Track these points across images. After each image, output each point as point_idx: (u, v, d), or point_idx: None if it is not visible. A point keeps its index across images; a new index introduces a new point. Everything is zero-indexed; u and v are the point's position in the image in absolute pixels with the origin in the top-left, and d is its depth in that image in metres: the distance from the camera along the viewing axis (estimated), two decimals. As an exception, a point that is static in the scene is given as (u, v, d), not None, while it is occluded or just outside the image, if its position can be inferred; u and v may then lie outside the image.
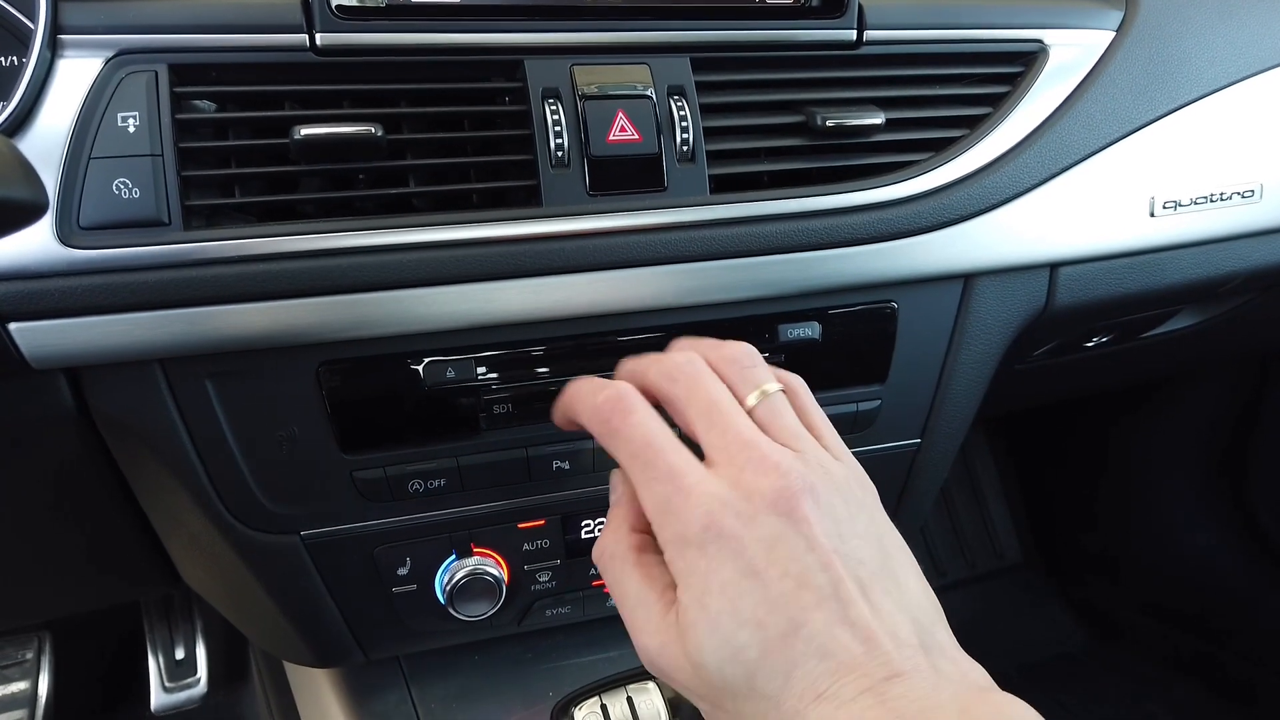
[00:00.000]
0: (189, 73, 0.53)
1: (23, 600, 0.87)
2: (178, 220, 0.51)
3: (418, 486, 0.62)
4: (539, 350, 0.61)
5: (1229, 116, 0.75)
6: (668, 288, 0.60)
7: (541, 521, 0.68)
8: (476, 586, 0.67)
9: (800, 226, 0.61)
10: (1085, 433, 1.63)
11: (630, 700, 0.73)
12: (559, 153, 0.56)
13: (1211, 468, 1.50)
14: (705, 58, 0.61)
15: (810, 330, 0.66)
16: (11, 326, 0.49)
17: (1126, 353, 1.04)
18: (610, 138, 0.57)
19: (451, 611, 0.67)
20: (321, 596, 0.66)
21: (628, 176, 0.58)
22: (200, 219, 0.53)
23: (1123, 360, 1.10)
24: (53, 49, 0.50)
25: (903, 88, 0.66)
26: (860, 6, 0.63)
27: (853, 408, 0.70)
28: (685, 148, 0.58)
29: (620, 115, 0.57)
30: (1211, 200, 0.75)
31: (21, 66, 0.49)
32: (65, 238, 0.49)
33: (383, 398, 0.59)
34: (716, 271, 0.60)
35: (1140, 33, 0.73)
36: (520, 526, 0.68)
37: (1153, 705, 1.42)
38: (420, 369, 0.59)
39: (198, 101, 0.54)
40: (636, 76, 0.58)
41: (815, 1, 0.63)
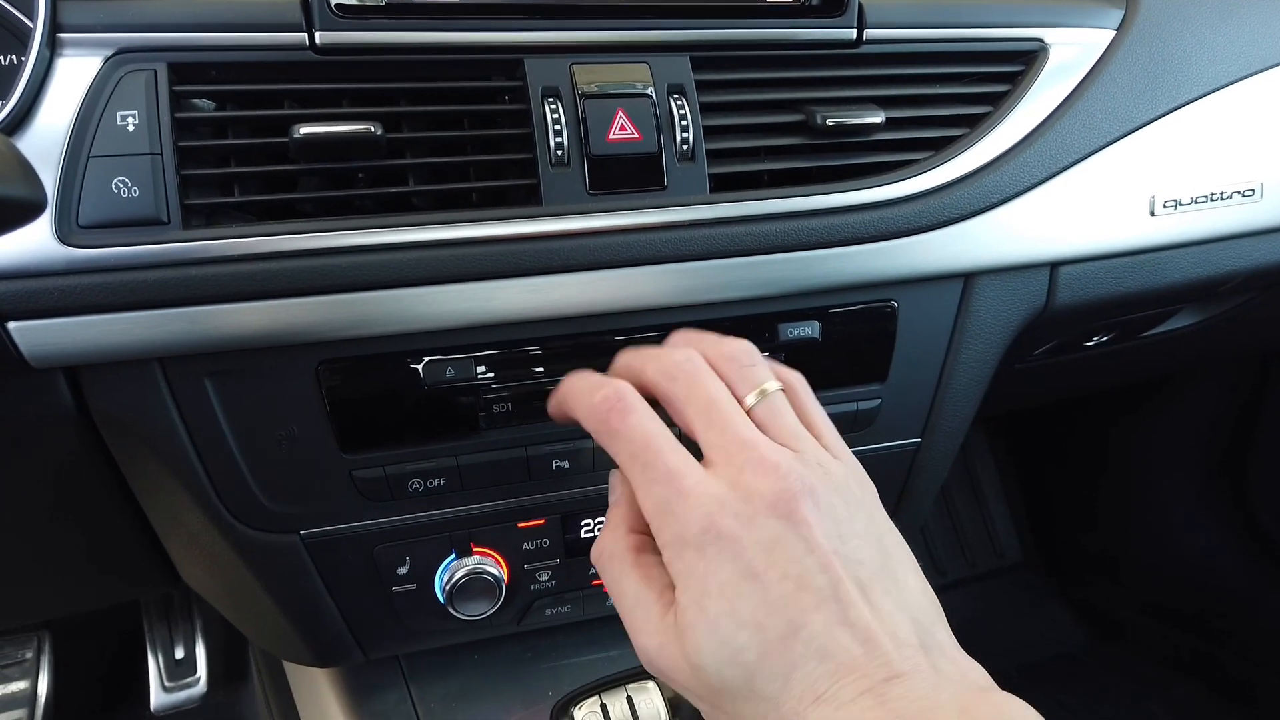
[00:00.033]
0: (188, 71, 0.53)
1: (23, 600, 0.87)
2: (177, 219, 0.51)
3: (417, 486, 0.62)
4: (538, 349, 0.61)
5: (1229, 115, 0.75)
6: (668, 287, 0.60)
7: (541, 521, 0.68)
8: (476, 586, 0.67)
9: (800, 225, 0.61)
10: (1085, 432, 1.63)
11: (630, 700, 0.72)
12: (559, 151, 0.56)
13: (1211, 467, 1.50)
14: (705, 57, 0.61)
15: (810, 329, 0.65)
16: (11, 325, 0.49)
17: (1126, 352, 1.04)
18: (610, 136, 0.57)
19: (451, 611, 0.67)
20: (321, 596, 0.66)
21: (627, 175, 0.58)
22: (199, 218, 0.53)
23: (1123, 359, 1.10)
24: (52, 47, 0.50)
25: (903, 86, 0.66)
26: (860, 5, 0.63)
27: (853, 407, 0.70)
28: (685, 147, 0.58)
29: (620, 114, 0.57)
30: (1212, 199, 0.75)
31: (20, 65, 0.49)
32: (64, 236, 0.49)
33: (382, 397, 0.59)
34: (716, 270, 0.60)
35: (1140, 32, 0.73)
36: (520, 526, 0.68)
37: (1153, 705, 1.42)
38: (420, 368, 0.58)
39: (197, 100, 0.54)
40: (636, 75, 0.58)
41: (815, 0, 0.63)
